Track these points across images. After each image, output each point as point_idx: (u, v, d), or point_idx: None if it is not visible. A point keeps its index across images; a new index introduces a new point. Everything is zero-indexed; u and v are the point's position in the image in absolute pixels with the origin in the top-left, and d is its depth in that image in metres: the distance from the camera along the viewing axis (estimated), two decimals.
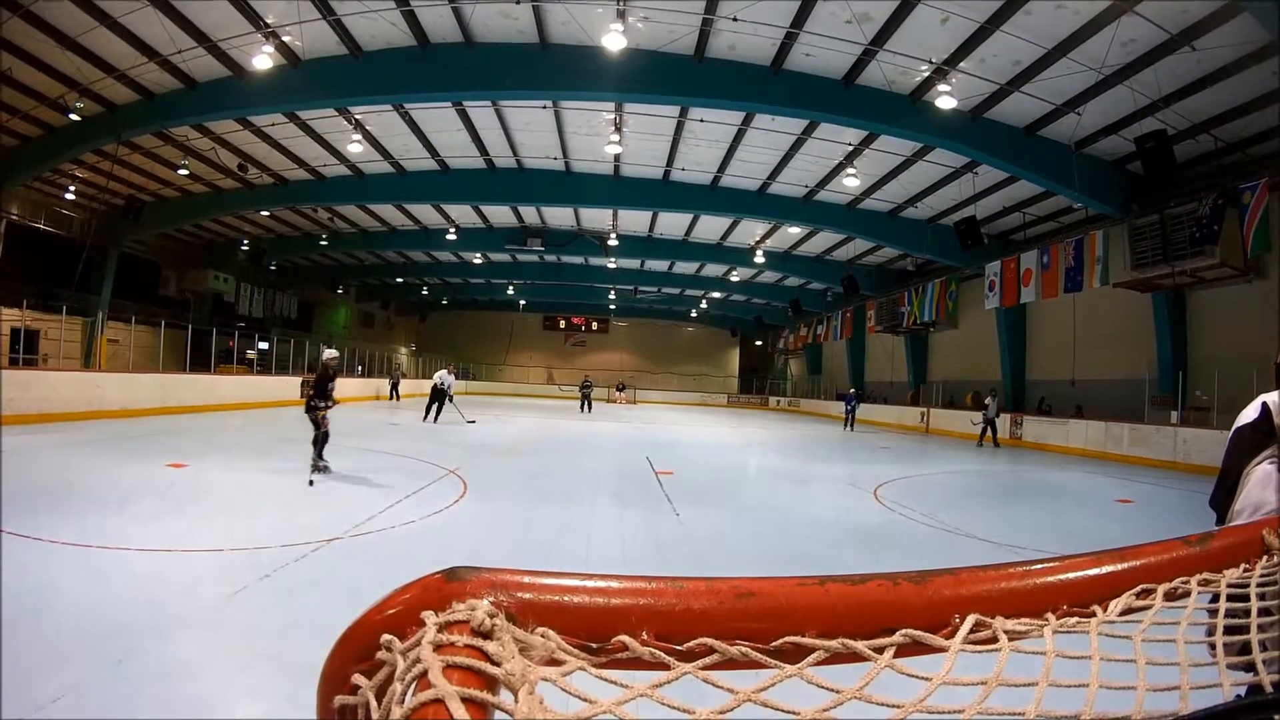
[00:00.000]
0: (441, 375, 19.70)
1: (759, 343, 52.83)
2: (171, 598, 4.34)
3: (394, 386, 31.38)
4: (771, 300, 41.97)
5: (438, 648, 0.47)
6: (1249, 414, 1.64)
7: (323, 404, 9.41)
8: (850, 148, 18.61)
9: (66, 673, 3.22)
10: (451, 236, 30.22)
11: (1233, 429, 1.66)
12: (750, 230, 28.72)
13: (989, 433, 20.35)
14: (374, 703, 0.47)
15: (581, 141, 20.42)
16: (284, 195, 24.95)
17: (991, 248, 22.39)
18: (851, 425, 27.12)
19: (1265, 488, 1.44)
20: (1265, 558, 0.78)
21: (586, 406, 33.11)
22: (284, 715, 2.90)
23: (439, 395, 19.34)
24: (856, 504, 9.44)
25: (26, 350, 21.41)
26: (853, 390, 28.88)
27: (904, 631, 0.58)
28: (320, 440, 9.35)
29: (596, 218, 28.84)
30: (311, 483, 8.60)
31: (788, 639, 0.56)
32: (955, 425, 25.61)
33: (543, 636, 0.51)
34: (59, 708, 2.90)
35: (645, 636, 0.54)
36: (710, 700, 0.51)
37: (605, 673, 0.52)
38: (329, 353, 10.16)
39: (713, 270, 36.92)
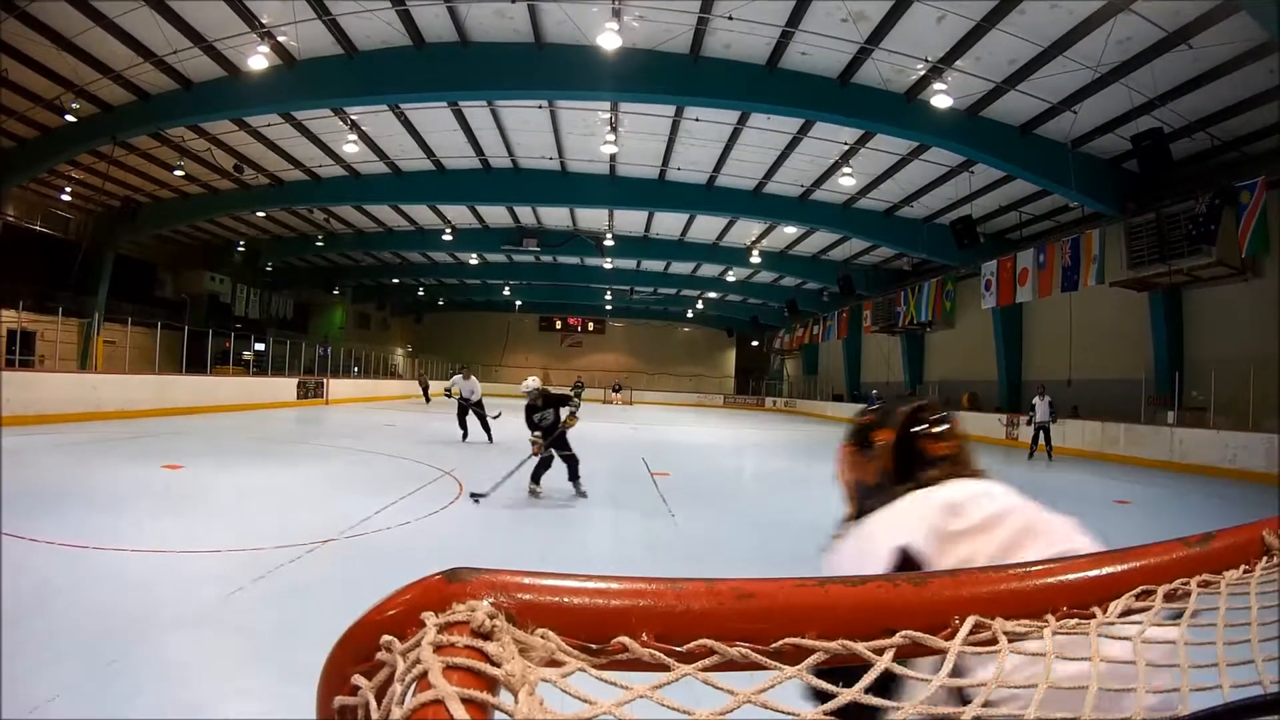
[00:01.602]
0: (458, 382, 15.68)
1: (755, 343, 52.81)
2: (167, 599, 4.33)
3: (424, 389, 32.42)
4: (768, 300, 42.00)
5: (438, 648, 0.47)
6: (892, 541, 1.27)
7: (534, 433, 8.89)
8: (846, 147, 18.62)
9: (61, 673, 3.21)
10: (448, 237, 30.18)
11: (891, 546, 1.25)
12: (746, 230, 28.72)
13: (1041, 441, 17.17)
14: (374, 703, 0.47)
15: (577, 141, 20.41)
16: (280, 196, 24.90)
17: (987, 247, 22.39)
18: None
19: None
20: (1265, 558, 0.78)
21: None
22: (280, 716, 2.89)
23: (471, 407, 15.54)
24: None
25: (23, 351, 21.37)
26: (875, 391, 26.09)
27: (904, 633, 0.58)
28: (539, 466, 8.91)
29: (592, 218, 28.83)
30: (475, 499, 8.13)
31: (787, 640, 0.56)
32: None
33: (543, 637, 0.51)
34: (54, 708, 2.90)
35: (645, 638, 0.54)
36: (710, 701, 0.51)
37: (605, 674, 0.52)
38: (525, 383, 9.33)
39: (709, 270, 36.91)
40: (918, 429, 1.53)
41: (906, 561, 1.23)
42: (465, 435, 15.33)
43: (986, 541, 1.23)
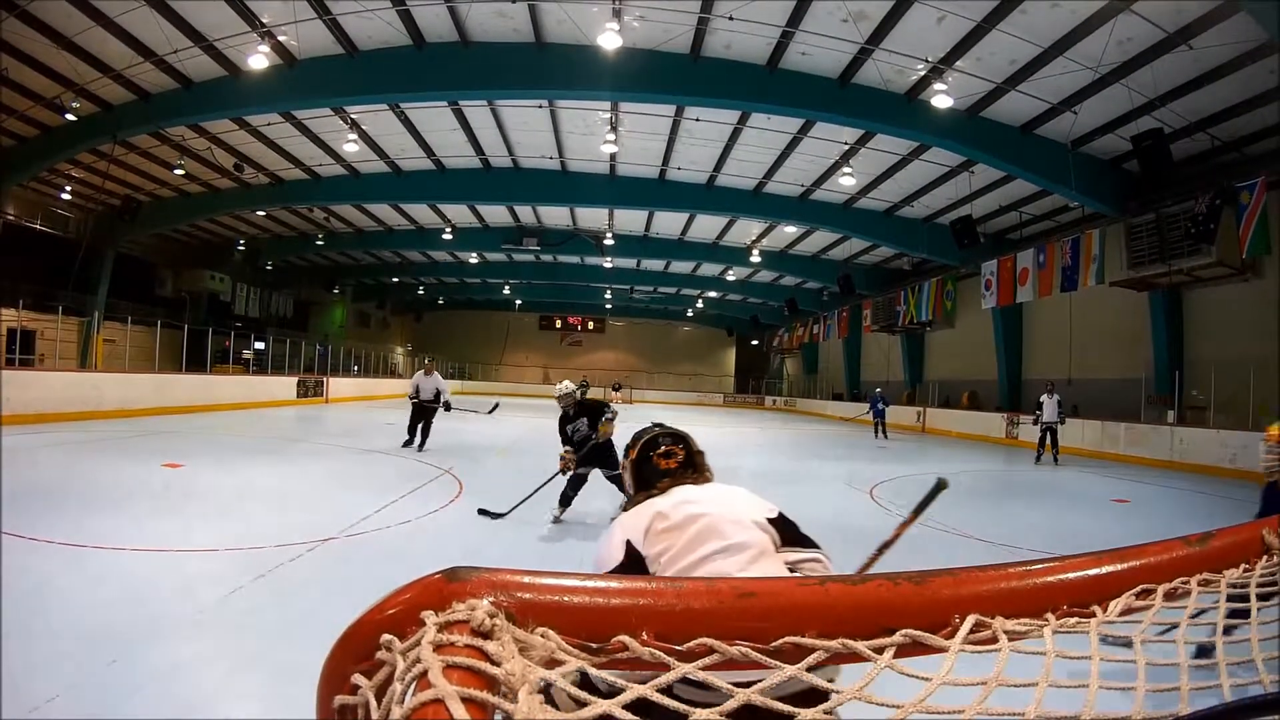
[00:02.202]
0: (419, 379, 13.38)
1: (755, 342, 52.74)
2: (166, 598, 4.33)
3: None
4: (768, 299, 41.94)
5: (438, 648, 0.47)
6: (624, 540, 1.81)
7: (565, 449, 7.45)
8: (846, 146, 18.59)
9: (61, 673, 3.21)
10: (448, 236, 30.16)
11: (623, 539, 1.82)
12: (746, 229, 28.70)
13: (1048, 442, 16.02)
14: (374, 703, 0.47)
15: (577, 141, 20.40)
16: (280, 195, 24.89)
17: (988, 247, 22.37)
18: (884, 432, 23.10)
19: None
20: (1265, 558, 0.78)
21: None
22: (280, 716, 2.89)
23: (430, 412, 13.17)
24: (853, 504, 9.44)
25: (23, 350, 21.35)
26: (879, 390, 24.98)
27: (904, 632, 0.58)
28: (569, 487, 7.54)
29: (592, 217, 28.81)
30: (493, 517, 7.34)
31: (788, 639, 0.56)
32: (952, 425, 25.65)
33: (543, 636, 0.51)
34: (54, 708, 2.90)
35: (645, 636, 0.54)
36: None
37: (605, 673, 0.52)
38: (560, 386, 7.88)
39: (709, 270, 36.88)
40: (650, 450, 2.09)
41: (630, 550, 1.75)
42: (412, 440, 12.98)
43: (678, 537, 1.74)
